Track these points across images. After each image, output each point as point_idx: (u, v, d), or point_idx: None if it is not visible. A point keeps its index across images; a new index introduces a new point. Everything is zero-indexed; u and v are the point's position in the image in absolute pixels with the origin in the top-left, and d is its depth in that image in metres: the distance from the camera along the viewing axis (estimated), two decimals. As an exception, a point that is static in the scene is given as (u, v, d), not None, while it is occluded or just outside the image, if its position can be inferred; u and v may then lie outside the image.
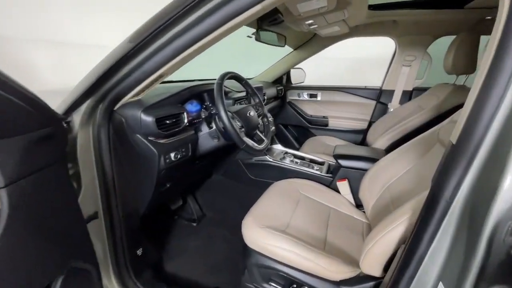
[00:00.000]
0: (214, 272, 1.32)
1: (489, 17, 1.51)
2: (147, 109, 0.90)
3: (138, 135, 0.91)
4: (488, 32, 0.48)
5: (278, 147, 1.76)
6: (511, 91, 0.44)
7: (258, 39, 1.43)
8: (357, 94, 2.22)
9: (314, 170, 1.50)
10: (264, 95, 1.88)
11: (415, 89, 2.00)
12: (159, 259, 1.34)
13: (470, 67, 1.45)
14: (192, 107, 1.15)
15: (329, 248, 1.00)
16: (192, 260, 1.39)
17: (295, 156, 1.64)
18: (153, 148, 0.93)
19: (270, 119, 1.40)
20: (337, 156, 1.43)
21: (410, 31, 1.78)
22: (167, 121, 0.95)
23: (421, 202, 0.74)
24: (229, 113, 1.04)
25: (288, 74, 2.38)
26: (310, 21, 1.32)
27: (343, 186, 1.37)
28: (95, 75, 0.79)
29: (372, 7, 1.61)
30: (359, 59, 3.38)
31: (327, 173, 1.50)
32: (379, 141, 1.66)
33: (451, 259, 0.54)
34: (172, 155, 1.00)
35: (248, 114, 1.15)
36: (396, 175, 1.12)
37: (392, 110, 2.06)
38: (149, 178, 1.01)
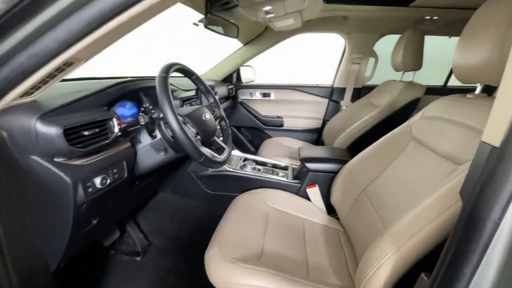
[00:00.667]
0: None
1: (428, 17, 1.60)
2: (48, 116, 0.58)
3: (34, 157, 0.58)
4: (430, 32, 0.40)
5: (236, 153, 1.55)
6: None
7: (206, 26, 1.18)
8: (310, 92, 2.17)
9: (280, 177, 1.34)
10: (216, 95, 1.64)
11: (364, 86, 2.04)
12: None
13: (417, 64, 1.50)
14: (125, 110, 0.84)
15: (313, 273, 0.84)
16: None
17: (257, 162, 1.45)
18: (62, 175, 0.60)
19: (228, 124, 1.17)
20: (304, 160, 1.30)
21: (360, 28, 1.79)
22: (86, 132, 0.64)
23: (431, 209, 0.63)
24: (179, 117, 0.78)
25: (238, 72, 2.19)
26: (268, 8, 1.15)
27: (313, 192, 1.24)
28: None
29: (326, 1, 1.54)
30: (310, 57, 3.41)
31: (293, 178, 1.35)
32: (339, 140, 1.61)
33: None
34: (98, 181, 0.69)
35: (203, 117, 0.90)
36: (372, 177, 1.03)
37: (344, 108, 2.06)
38: (62, 217, 0.68)
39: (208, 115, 0.93)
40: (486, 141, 0.45)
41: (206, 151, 0.85)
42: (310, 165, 1.27)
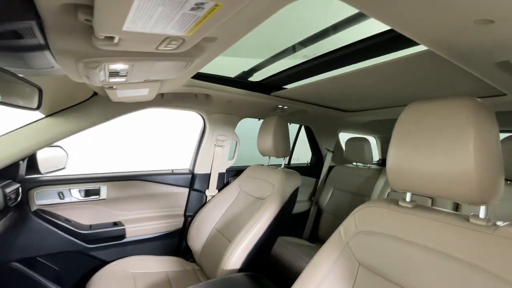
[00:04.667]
0: None
1: (280, 106, 1.69)
2: None
3: None
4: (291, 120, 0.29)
5: None
6: None
7: None
8: (162, 182, 1.60)
9: None
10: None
11: (227, 170, 1.79)
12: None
13: (287, 150, 1.46)
14: None
15: None
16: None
17: None
18: None
19: None
20: None
21: (223, 109, 1.58)
22: None
23: None
24: None
25: (31, 158, 1.24)
26: (122, 66, 0.61)
27: None
28: None
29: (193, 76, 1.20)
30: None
31: None
32: (226, 261, 1.14)
33: None
34: None
35: None
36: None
37: (210, 198, 1.67)
38: None
39: None
40: None
41: None
42: None
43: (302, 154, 2.45)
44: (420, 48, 0.75)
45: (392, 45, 0.86)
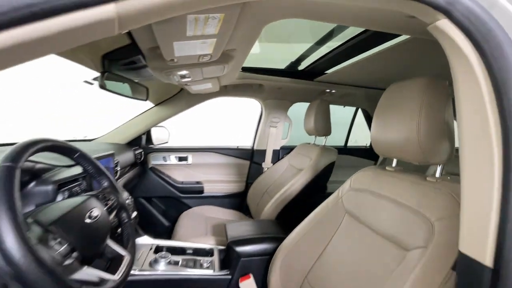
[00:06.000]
0: None
1: (328, 90, 1.84)
2: None
3: None
4: (333, 102, 0.40)
5: (144, 240, 1.19)
6: None
7: (103, 86, 0.93)
8: (230, 154, 2.06)
9: (204, 270, 1.05)
10: (116, 166, 1.30)
11: (282, 147, 2.10)
12: None
13: (327, 130, 1.63)
14: None
15: None
16: None
17: (172, 252, 1.12)
18: None
19: (132, 215, 0.86)
20: (233, 243, 1.08)
21: (274, 95, 1.89)
22: None
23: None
24: (37, 229, 0.46)
25: (148, 133, 1.90)
26: (184, 72, 1.02)
27: (248, 286, 1.01)
28: None
29: (243, 69, 1.56)
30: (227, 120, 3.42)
31: (221, 268, 1.09)
32: (267, 210, 1.49)
33: None
34: None
35: (86, 220, 0.59)
36: (312, 260, 0.90)
37: (266, 169, 2.03)
38: None
39: (96, 212, 0.63)
40: (469, 255, 0.38)
41: (85, 274, 0.53)
42: (240, 249, 1.06)
43: (363, 136, 2.47)
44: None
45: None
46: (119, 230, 0.78)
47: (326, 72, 1.62)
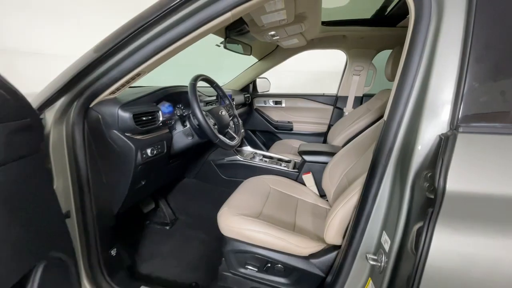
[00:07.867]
0: (190, 271, 1.34)
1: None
2: (124, 106, 0.95)
3: (115, 131, 0.95)
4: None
5: (248, 148, 1.87)
6: (416, 84, 0.62)
7: (226, 47, 1.56)
8: (316, 100, 2.45)
9: (282, 167, 1.63)
10: (233, 101, 2.00)
11: (364, 95, 2.29)
12: (133, 260, 1.32)
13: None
14: (165, 108, 1.21)
15: (298, 229, 1.11)
16: (167, 261, 1.39)
17: (264, 156, 1.76)
18: (130, 143, 0.96)
19: (240, 121, 1.51)
20: (301, 152, 1.58)
21: (357, 45, 2.07)
22: (144, 118, 1.00)
23: (369, 175, 0.90)
24: (203, 112, 1.12)
25: (254, 83, 2.54)
26: (273, 32, 1.49)
27: (308, 178, 1.52)
28: (71, 73, 0.81)
29: (325, 23, 1.85)
30: (317, 71, 3.71)
31: (293, 169, 1.64)
32: (337, 139, 1.87)
33: (390, 210, 0.68)
34: (149, 150, 1.04)
35: (220, 113, 1.25)
36: (351, 163, 1.29)
37: (347, 113, 2.31)
38: (126, 174, 1.03)
39: (223, 112, 1.27)
40: (384, 118, 0.73)
41: (221, 136, 1.18)
42: (306, 157, 1.56)
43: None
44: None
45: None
46: (233, 126, 1.44)
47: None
